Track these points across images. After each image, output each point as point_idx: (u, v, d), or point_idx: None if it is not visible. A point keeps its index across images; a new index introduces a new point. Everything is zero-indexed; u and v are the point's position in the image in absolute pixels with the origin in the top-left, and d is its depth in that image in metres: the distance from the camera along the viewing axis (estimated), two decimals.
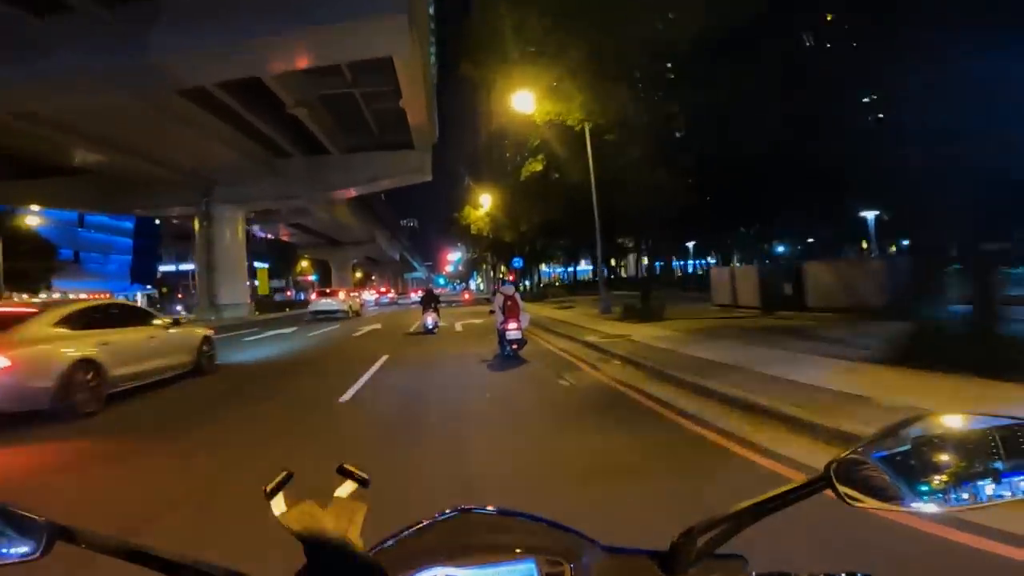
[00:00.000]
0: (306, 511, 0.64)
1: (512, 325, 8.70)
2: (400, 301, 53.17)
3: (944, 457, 0.51)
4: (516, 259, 38.23)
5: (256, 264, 77.36)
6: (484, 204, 38.08)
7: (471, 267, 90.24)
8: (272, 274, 79.80)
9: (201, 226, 28.70)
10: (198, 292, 30.09)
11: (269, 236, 71.10)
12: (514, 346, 8.74)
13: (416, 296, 54.73)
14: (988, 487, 0.50)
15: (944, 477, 0.51)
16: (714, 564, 0.64)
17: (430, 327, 13.95)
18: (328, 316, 24.67)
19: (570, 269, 63.77)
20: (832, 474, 0.55)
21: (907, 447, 0.53)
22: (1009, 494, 0.49)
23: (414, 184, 34.02)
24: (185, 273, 59.11)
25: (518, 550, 0.65)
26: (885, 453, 0.53)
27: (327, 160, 29.61)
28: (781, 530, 1.23)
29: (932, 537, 2.35)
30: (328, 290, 34.75)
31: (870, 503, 0.53)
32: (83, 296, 57.65)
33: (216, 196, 28.54)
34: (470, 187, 42.70)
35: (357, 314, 26.74)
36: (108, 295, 61.81)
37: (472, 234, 42.01)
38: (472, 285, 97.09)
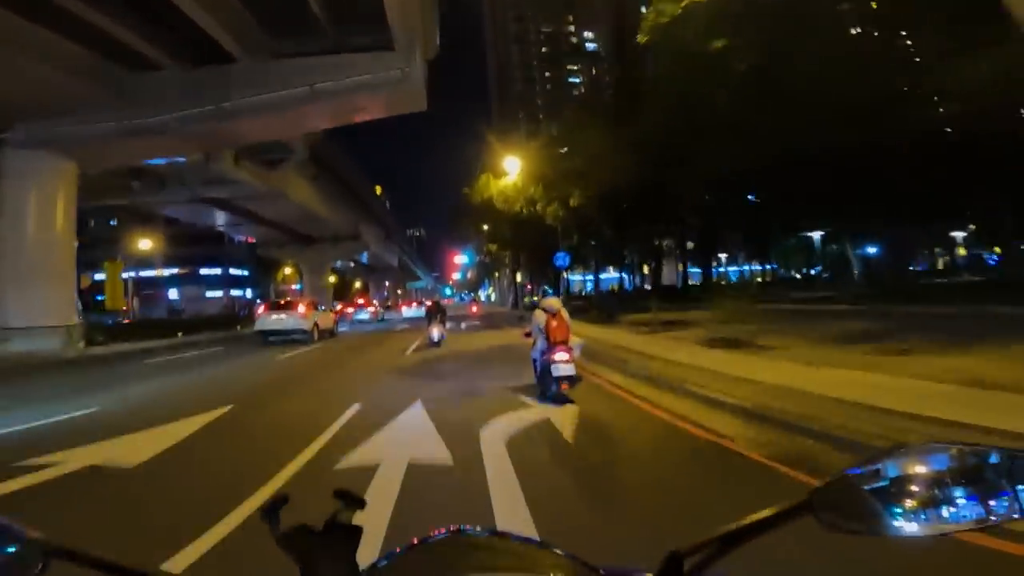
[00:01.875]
0: (302, 533, 0.64)
1: (561, 356, 5.90)
2: (386, 317, 36.20)
3: (919, 486, 0.53)
4: (560, 254, 24.67)
5: (234, 271, 64.30)
6: (512, 171, 24.38)
7: (482, 272, 76.01)
8: (252, 283, 66.28)
9: None
10: None
11: (252, 240, 57.89)
12: (564, 385, 5.93)
13: (409, 311, 41.27)
14: (950, 512, 0.52)
15: (916, 503, 0.52)
16: None
17: (435, 340, 13.17)
18: (283, 338, 17.18)
19: (596, 278, 50.29)
20: (814, 500, 0.56)
21: (887, 475, 0.55)
22: (967, 517, 0.51)
23: (407, 123, 19.94)
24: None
25: (510, 572, 0.64)
26: (866, 481, 0.55)
27: (228, 72, 15.79)
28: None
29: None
30: (282, 301, 21.27)
31: (850, 528, 0.54)
32: None
33: (13, 137, 14.89)
34: (490, 146, 28.48)
35: (332, 334, 19.68)
36: None
37: (494, 213, 27.93)
38: (483, 295, 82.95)
